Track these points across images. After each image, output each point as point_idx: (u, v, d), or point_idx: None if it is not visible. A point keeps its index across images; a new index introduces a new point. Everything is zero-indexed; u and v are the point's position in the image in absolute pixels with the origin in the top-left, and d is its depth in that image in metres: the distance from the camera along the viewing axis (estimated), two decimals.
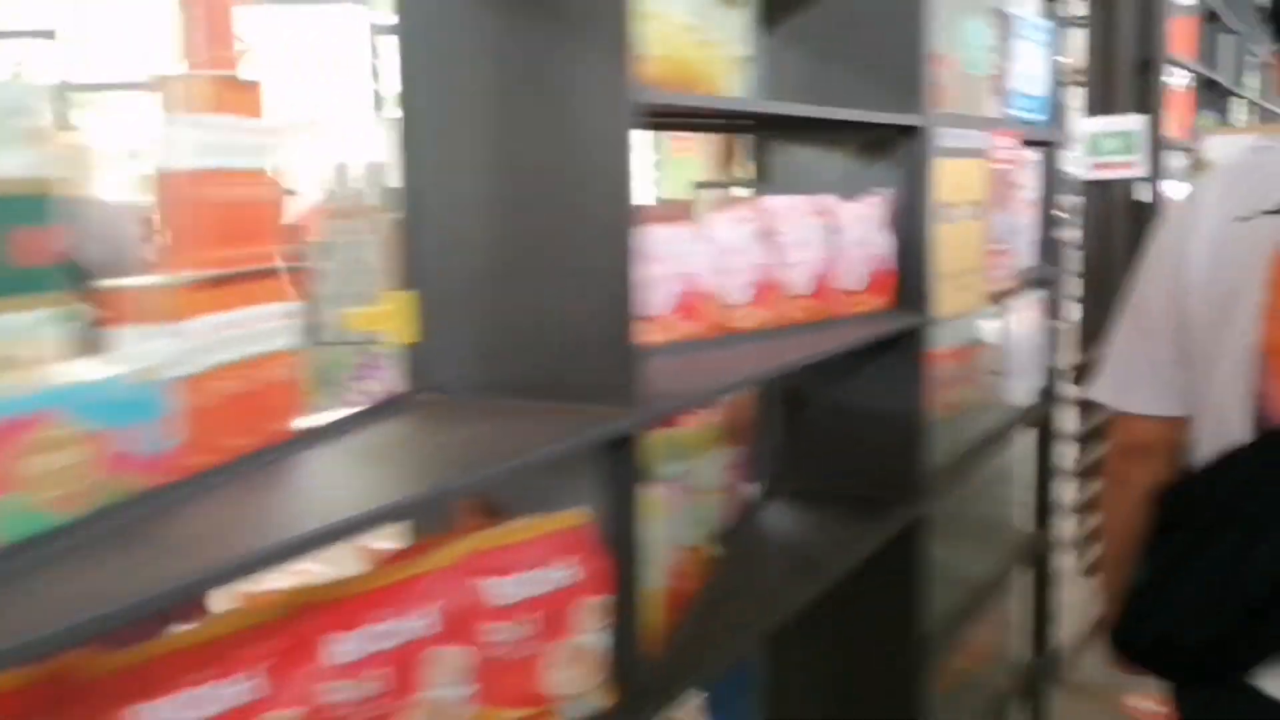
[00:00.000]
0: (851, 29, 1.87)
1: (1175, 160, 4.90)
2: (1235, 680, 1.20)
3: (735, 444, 1.78)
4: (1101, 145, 4.27)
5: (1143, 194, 4.23)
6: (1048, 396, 2.68)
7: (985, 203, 2.10)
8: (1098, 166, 4.28)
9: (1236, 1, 7.30)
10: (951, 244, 1.94)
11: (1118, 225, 4.21)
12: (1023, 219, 2.48)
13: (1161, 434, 1.33)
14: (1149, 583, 1.25)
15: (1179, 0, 4.68)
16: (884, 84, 1.85)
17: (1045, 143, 2.60)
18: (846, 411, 1.92)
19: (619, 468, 1.15)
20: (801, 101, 1.79)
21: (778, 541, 1.80)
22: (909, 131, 1.85)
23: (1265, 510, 1.15)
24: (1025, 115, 2.39)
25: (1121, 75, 4.16)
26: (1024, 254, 2.54)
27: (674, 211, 1.56)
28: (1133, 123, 4.20)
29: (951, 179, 1.94)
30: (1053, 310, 2.63)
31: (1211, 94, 6.16)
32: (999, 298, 2.24)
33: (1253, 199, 1.21)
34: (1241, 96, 6.96)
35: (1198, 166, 4.50)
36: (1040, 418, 2.67)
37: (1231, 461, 1.19)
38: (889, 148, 1.87)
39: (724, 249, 1.57)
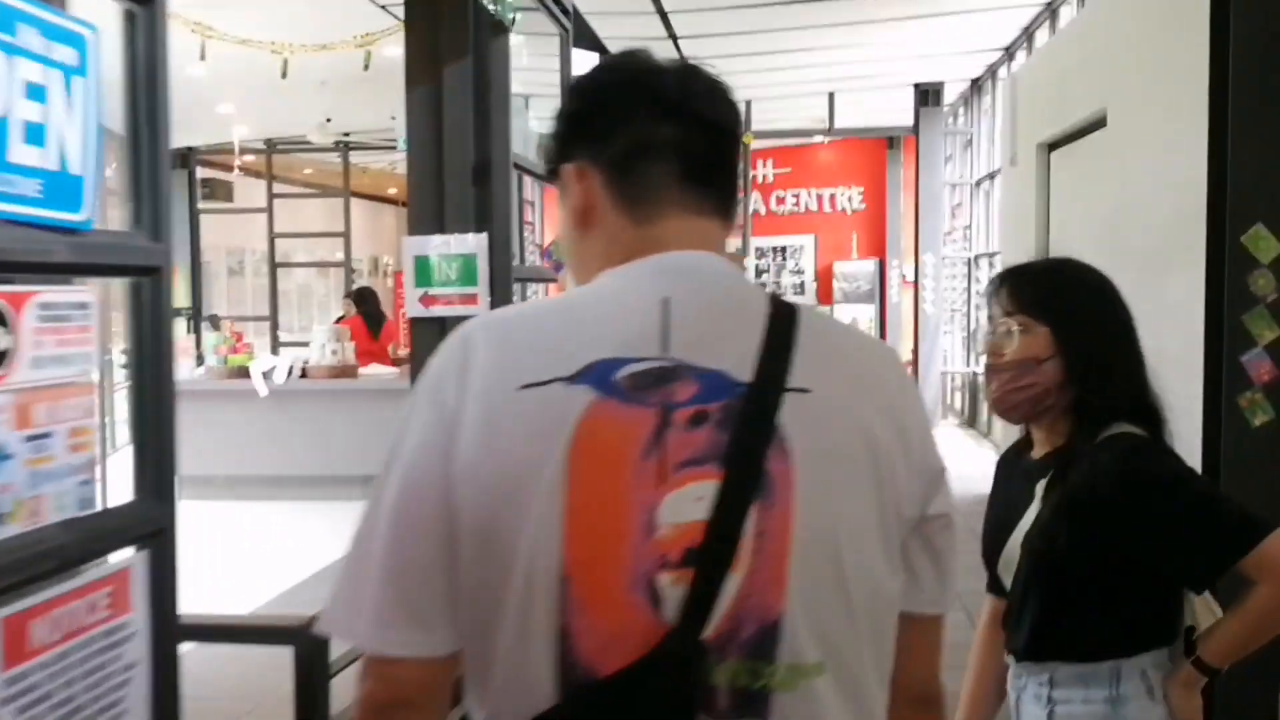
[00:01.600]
0: None
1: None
2: None
3: None
4: (432, 273, 3.24)
5: None
6: None
7: None
8: (428, 300, 3.23)
9: None
10: None
11: None
12: None
13: (433, 680, 0.99)
14: None
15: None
16: None
17: (140, 269, 1.35)
18: None
19: None
20: None
21: None
22: None
23: None
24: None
25: (454, 181, 3.17)
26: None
27: None
28: (471, 243, 3.21)
29: None
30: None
31: None
32: None
33: (547, 358, 0.97)
34: None
35: None
36: None
37: None
38: None
39: None
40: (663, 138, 1.06)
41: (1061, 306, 1.81)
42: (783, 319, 1.02)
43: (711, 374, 0.98)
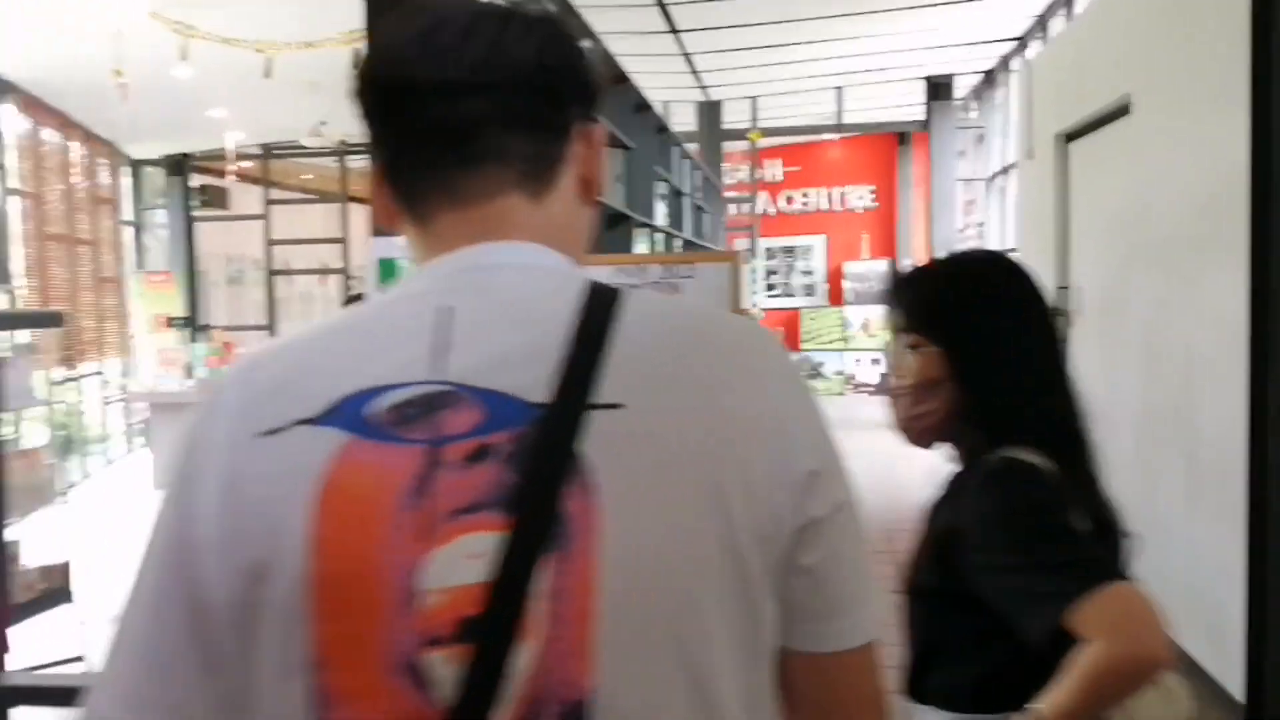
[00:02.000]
0: None
1: None
2: None
3: None
4: (398, 277, 2.98)
5: None
6: None
7: None
8: None
9: (627, 119, 6.69)
10: None
11: None
12: None
13: None
14: None
15: None
16: None
17: None
18: None
19: None
20: None
21: None
22: None
23: None
24: None
25: None
26: None
27: None
28: None
29: None
30: None
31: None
32: None
33: (291, 396, 0.83)
34: (646, 224, 6.29)
35: None
36: None
37: None
38: None
39: None
40: (419, 118, 0.90)
41: (953, 320, 1.63)
42: (595, 316, 0.85)
43: (498, 396, 0.82)
